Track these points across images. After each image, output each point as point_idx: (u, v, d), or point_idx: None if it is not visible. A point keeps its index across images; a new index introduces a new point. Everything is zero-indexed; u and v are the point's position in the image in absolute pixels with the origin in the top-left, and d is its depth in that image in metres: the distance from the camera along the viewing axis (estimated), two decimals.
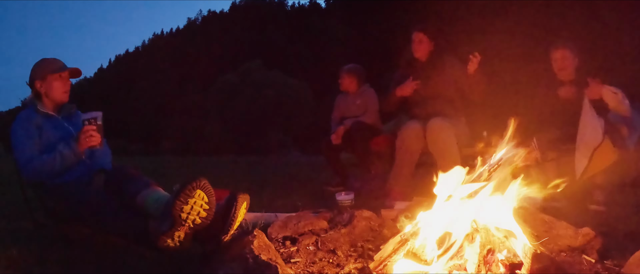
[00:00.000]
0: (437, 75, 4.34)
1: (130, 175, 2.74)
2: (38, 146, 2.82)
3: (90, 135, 2.75)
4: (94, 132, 2.76)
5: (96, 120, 2.77)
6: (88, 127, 2.75)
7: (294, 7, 63.21)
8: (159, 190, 2.61)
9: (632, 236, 2.77)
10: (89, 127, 2.75)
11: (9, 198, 4.25)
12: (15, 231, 3.18)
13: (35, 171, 2.76)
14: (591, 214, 3.62)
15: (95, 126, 2.77)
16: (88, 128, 2.75)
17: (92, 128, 2.75)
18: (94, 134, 2.76)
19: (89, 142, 2.75)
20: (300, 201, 4.35)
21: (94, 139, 2.76)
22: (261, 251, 1.94)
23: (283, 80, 35.98)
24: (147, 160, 12.58)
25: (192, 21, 75.98)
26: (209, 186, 2.24)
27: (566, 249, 2.38)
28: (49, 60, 3.03)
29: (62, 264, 2.45)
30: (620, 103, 3.77)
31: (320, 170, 6.91)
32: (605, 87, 3.82)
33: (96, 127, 2.77)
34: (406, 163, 4.19)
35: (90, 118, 2.77)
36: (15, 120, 2.90)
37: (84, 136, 2.74)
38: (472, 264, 1.86)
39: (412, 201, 3.19)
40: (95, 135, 2.76)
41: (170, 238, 2.23)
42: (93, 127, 2.76)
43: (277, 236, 2.53)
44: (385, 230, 2.54)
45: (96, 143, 2.78)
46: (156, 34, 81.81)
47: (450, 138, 4.02)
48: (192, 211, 2.22)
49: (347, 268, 2.15)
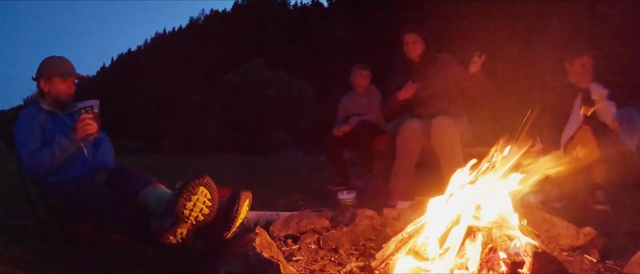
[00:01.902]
0: (434, 74, 4.34)
1: (132, 172, 2.74)
2: (40, 143, 2.83)
3: (87, 123, 2.75)
4: (91, 120, 2.76)
5: (93, 108, 2.77)
6: (85, 115, 2.75)
7: (296, 7, 63.12)
8: (161, 187, 2.61)
9: (634, 236, 2.78)
10: (86, 115, 2.75)
11: (11, 195, 4.27)
12: (17, 228, 3.20)
13: (36, 165, 2.76)
14: (593, 214, 3.62)
15: (92, 114, 2.76)
16: (85, 117, 2.75)
17: (89, 116, 2.75)
18: (91, 122, 2.76)
19: (86, 130, 2.76)
20: (302, 200, 4.36)
21: (91, 127, 2.76)
22: (263, 249, 1.94)
23: (285, 80, 35.96)
24: (149, 159, 12.58)
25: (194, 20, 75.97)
26: (212, 183, 2.24)
27: (568, 249, 2.38)
28: (58, 61, 3.03)
29: (65, 262, 2.46)
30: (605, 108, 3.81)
31: (322, 169, 6.92)
32: (593, 84, 3.86)
33: (93, 115, 2.77)
34: (407, 162, 4.19)
35: (87, 107, 2.77)
36: (17, 118, 2.91)
37: (81, 124, 2.74)
38: (474, 263, 1.86)
39: (414, 201, 3.20)
40: (92, 123, 2.76)
41: (172, 235, 2.24)
42: (89, 115, 2.75)
43: (279, 234, 2.53)
44: (387, 229, 2.54)
45: (93, 131, 2.78)
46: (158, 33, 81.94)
47: (455, 137, 4.01)
48: (195, 208, 2.22)
49: (348, 267, 2.15)
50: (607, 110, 3.84)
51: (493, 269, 1.75)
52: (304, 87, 36.25)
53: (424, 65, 4.38)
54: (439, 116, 4.12)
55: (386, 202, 3.98)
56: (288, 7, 63.41)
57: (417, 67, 4.41)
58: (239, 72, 36.90)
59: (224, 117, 34.90)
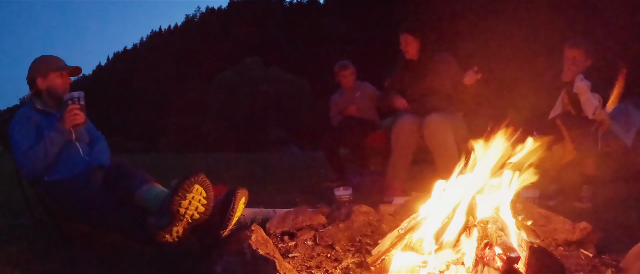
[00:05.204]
0: (432, 72, 4.34)
1: (128, 171, 2.74)
2: (35, 143, 2.82)
3: (74, 113, 2.79)
4: (78, 110, 2.81)
5: (79, 100, 2.84)
6: (72, 106, 2.80)
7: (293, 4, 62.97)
8: (157, 185, 2.62)
9: (629, 230, 2.79)
10: (74, 106, 2.80)
11: (8, 196, 4.25)
12: (14, 228, 3.19)
13: (31, 162, 2.77)
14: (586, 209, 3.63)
15: (79, 105, 2.82)
16: (73, 107, 2.80)
17: (76, 107, 2.81)
18: (79, 112, 2.81)
19: (74, 120, 2.80)
20: (298, 197, 4.36)
21: (78, 117, 2.81)
22: (259, 246, 1.95)
23: (282, 77, 35.90)
24: (146, 157, 12.56)
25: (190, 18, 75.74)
26: (207, 181, 2.25)
27: (563, 244, 2.39)
28: (50, 58, 3.06)
29: (62, 261, 2.45)
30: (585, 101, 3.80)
31: (319, 166, 6.92)
32: (578, 78, 3.84)
33: (79, 106, 2.83)
34: (402, 158, 4.20)
35: (74, 98, 2.83)
36: (13, 118, 2.91)
37: (69, 115, 2.78)
38: (470, 258, 1.87)
39: (411, 197, 3.20)
40: (79, 113, 2.81)
41: (168, 233, 2.24)
42: (77, 106, 2.81)
43: (275, 231, 2.53)
44: (383, 225, 2.54)
45: (81, 121, 2.84)
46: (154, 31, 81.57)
47: (448, 133, 4.02)
48: (191, 206, 2.22)
49: (345, 263, 2.15)
50: (587, 103, 3.80)
51: (489, 265, 1.75)
52: (300, 83, 36.21)
53: (421, 63, 4.38)
54: (433, 113, 4.12)
55: (382, 198, 3.99)
56: (284, 4, 63.29)
57: (414, 65, 4.41)
58: (236, 70, 36.84)
59: (221, 114, 34.85)
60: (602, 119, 3.76)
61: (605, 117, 3.76)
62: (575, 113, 3.99)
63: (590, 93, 3.77)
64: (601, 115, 3.75)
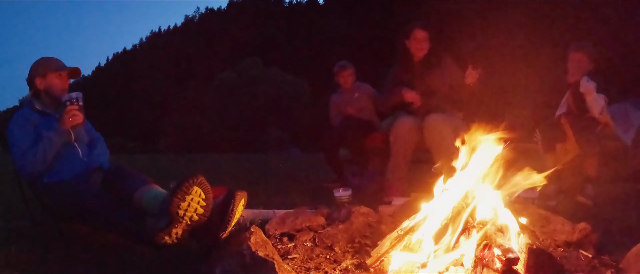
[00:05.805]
0: (434, 72, 4.33)
1: (127, 172, 2.75)
2: (34, 144, 2.82)
3: (73, 114, 2.80)
4: (77, 111, 2.81)
5: (78, 101, 2.84)
6: (71, 107, 2.80)
7: (292, 4, 63.03)
8: (157, 187, 2.62)
9: (629, 231, 2.78)
10: (72, 107, 2.81)
11: (7, 197, 4.25)
12: (13, 230, 3.18)
13: (29, 164, 2.77)
14: (588, 209, 3.63)
15: (77, 106, 2.83)
16: (71, 108, 2.80)
17: (75, 108, 2.81)
18: (77, 113, 2.81)
19: (73, 121, 2.81)
20: (298, 198, 4.36)
21: (77, 118, 2.81)
22: (258, 248, 1.94)
23: (281, 77, 35.95)
24: (146, 158, 12.56)
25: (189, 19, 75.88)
26: (206, 183, 2.24)
27: (563, 245, 2.38)
28: (49, 59, 3.07)
29: (61, 262, 2.45)
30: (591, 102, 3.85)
31: (318, 167, 6.92)
32: (584, 79, 3.88)
33: (78, 106, 2.83)
34: (401, 159, 4.19)
35: (72, 99, 2.84)
36: (12, 119, 2.91)
37: (68, 116, 2.78)
38: (469, 260, 1.86)
39: (410, 198, 3.20)
40: (78, 114, 2.82)
41: (167, 235, 2.24)
42: (75, 107, 2.82)
43: (274, 232, 2.53)
44: (382, 226, 2.54)
45: (80, 121, 2.84)
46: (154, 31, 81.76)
47: (448, 134, 4.01)
48: (190, 208, 2.21)
49: (344, 264, 2.15)
50: (593, 103, 3.87)
51: (488, 266, 1.75)
52: (300, 84, 36.23)
53: (425, 63, 4.36)
54: (433, 113, 4.12)
55: (382, 199, 3.99)
56: (284, 5, 63.33)
57: (417, 63, 4.39)
58: (235, 70, 36.87)
59: (221, 115, 34.86)
60: (606, 121, 3.83)
61: (609, 119, 3.81)
62: (579, 113, 4.03)
63: (596, 94, 3.83)
64: (606, 118, 3.82)
